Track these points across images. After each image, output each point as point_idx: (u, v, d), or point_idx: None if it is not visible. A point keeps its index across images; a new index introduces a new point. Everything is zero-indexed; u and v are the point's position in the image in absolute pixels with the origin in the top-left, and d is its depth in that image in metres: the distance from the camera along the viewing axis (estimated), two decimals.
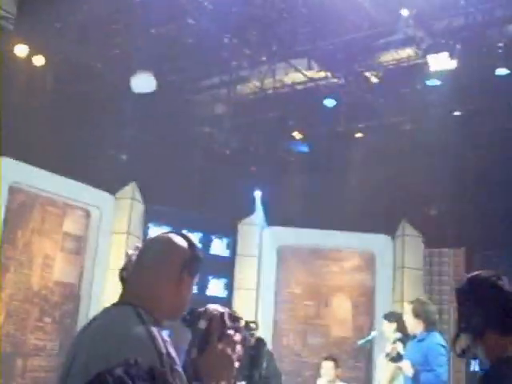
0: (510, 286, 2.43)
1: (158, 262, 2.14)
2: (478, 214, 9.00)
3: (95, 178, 8.41)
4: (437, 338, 5.85)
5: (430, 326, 5.83)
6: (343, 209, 9.14)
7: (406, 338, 6.20)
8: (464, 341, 2.41)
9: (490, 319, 2.34)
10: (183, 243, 2.16)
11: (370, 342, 6.93)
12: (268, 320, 9.46)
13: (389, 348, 6.14)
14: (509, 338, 2.36)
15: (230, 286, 9.76)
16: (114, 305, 2.18)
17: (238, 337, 2.02)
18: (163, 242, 2.22)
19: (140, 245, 2.76)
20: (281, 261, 10.08)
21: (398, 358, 5.87)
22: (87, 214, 8.83)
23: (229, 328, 2.00)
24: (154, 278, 2.11)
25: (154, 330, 1.95)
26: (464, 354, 2.43)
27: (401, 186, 9.09)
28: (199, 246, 2.25)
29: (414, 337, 5.96)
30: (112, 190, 8.93)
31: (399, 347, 6.03)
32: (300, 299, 10.06)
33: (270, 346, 8.39)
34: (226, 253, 9.89)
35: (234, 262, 9.86)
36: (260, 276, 9.83)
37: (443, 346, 5.82)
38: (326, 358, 7.31)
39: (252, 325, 2.17)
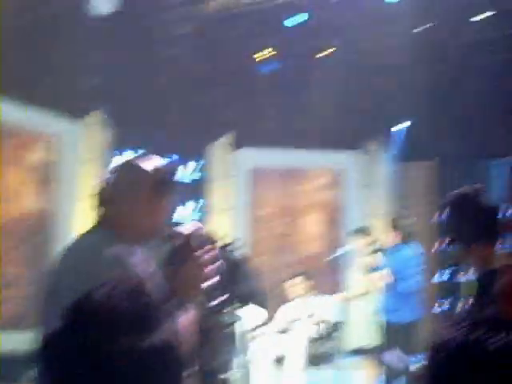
0: (494, 199, 2.51)
1: (130, 185, 2.14)
2: (449, 127, 9.06)
3: (60, 105, 8.22)
4: (413, 249, 6.04)
5: (406, 237, 6.01)
6: (312, 127, 9.13)
7: (380, 250, 6.38)
8: (452, 252, 2.50)
9: (478, 231, 2.42)
10: (154, 166, 2.15)
11: (343, 256, 7.10)
12: (242, 240, 9.58)
13: (365, 260, 6.31)
14: (495, 248, 2.45)
15: (203, 209, 9.82)
16: (88, 229, 2.20)
17: (209, 256, 2.05)
18: (134, 166, 2.22)
19: (111, 170, 2.75)
20: (254, 181, 10.13)
21: (374, 269, 6.05)
22: (53, 142, 8.66)
23: (201, 247, 2.02)
24: (127, 200, 2.12)
25: (127, 249, 1.97)
26: (453, 264, 2.54)
27: (370, 103, 9.08)
28: (171, 169, 2.24)
29: (390, 248, 6.14)
30: (78, 116, 8.75)
31: (376, 259, 6.20)
32: (273, 218, 10.19)
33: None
34: (198, 175, 9.90)
35: (207, 184, 9.88)
36: (233, 197, 9.89)
37: (420, 255, 6.03)
38: (293, 276, 7.53)
39: (234, 244, 2.20)
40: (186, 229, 2.03)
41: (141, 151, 8.63)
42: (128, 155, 8.85)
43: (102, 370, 0.95)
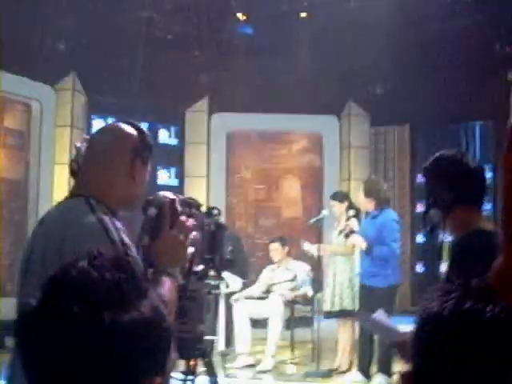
0: (472, 163, 2.50)
1: (108, 151, 2.10)
2: (423, 91, 9.07)
3: (33, 70, 8.06)
4: (390, 214, 6.06)
5: (382, 203, 6.01)
6: (290, 91, 9.07)
7: (358, 214, 6.39)
8: (433, 216, 2.49)
9: (458, 195, 2.42)
10: (132, 131, 2.11)
11: (321, 220, 7.12)
12: (220, 205, 9.54)
13: (342, 225, 6.33)
14: (475, 212, 2.46)
15: (180, 175, 9.77)
16: (65, 198, 2.15)
17: (191, 223, 2.02)
18: (112, 132, 2.17)
19: (87, 136, 2.69)
20: (230, 146, 10.08)
21: (351, 233, 6.07)
22: (28, 108, 8.55)
23: (181, 214, 1.99)
24: (105, 167, 2.07)
25: (106, 218, 1.94)
26: (433, 229, 2.52)
27: (347, 66, 9.03)
28: (150, 134, 2.20)
29: (368, 214, 6.15)
30: (52, 81, 8.61)
31: (353, 224, 6.22)
32: (250, 183, 10.18)
33: None
34: (174, 141, 9.82)
35: (183, 150, 9.81)
36: (210, 163, 9.85)
37: (396, 221, 6.05)
38: (272, 241, 7.54)
39: (213, 211, 2.17)
40: (168, 194, 2.00)
41: (116, 117, 8.53)
42: (103, 121, 8.75)
43: (86, 344, 0.92)
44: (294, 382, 6.58)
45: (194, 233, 2.06)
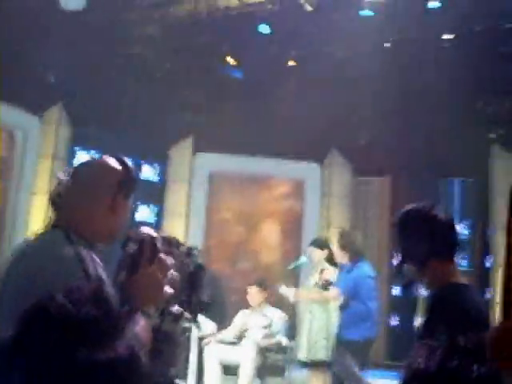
0: (443, 215, 2.49)
1: (91, 184, 2.08)
2: (406, 144, 9.18)
3: (19, 100, 8.05)
4: (365, 270, 5.91)
5: (355, 256, 5.90)
6: (274, 136, 9.14)
7: (334, 265, 6.28)
8: (407, 271, 2.47)
9: (431, 248, 2.40)
10: (117, 165, 2.09)
11: (299, 266, 7.05)
12: (197, 245, 9.50)
13: (316, 277, 6.23)
14: (449, 265, 2.44)
15: (160, 212, 9.72)
16: (43, 229, 2.12)
17: (170, 261, 2.00)
18: (97, 165, 2.16)
19: (71, 168, 2.67)
20: (212, 187, 10.08)
21: (326, 286, 5.97)
22: (11, 137, 8.50)
23: (161, 252, 1.96)
24: (87, 200, 2.05)
25: (84, 251, 1.91)
26: (408, 284, 2.50)
27: (331, 115, 9.13)
28: (134, 169, 2.19)
29: (342, 267, 6.05)
30: (37, 111, 8.59)
31: (329, 275, 6.13)
32: (230, 225, 10.14)
33: None
34: (156, 178, 9.80)
35: (165, 187, 9.79)
36: (191, 202, 9.82)
37: (371, 277, 5.93)
38: (251, 284, 7.40)
39: (193, 251, 2.15)
40: (149, 231, 1.97)
41: (100, 151, 8.51)
42: (87, 153, 8.73)
43: (60, 381, 0.89)
44: None
45: (172, 272, 2.03)
